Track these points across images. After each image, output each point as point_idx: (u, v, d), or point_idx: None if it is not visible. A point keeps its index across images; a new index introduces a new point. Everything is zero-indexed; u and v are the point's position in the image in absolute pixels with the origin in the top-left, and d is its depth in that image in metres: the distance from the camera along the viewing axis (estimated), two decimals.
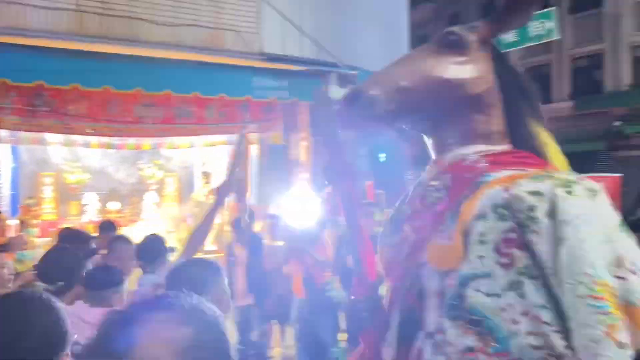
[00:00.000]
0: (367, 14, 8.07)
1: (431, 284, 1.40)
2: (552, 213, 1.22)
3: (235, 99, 6.53)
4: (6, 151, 7.21)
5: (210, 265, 2.03)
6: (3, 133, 6.28)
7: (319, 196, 6.18)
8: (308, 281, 5.26)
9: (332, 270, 5.52)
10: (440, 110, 1.53)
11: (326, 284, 5.24)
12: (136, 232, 5.96)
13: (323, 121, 2.14)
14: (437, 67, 1.50)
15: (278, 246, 5.88)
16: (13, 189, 7.53)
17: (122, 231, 5.48)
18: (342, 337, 5.05)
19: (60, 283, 2.31)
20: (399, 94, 1.46)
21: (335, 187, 1.84)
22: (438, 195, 1.50)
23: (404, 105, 1.48)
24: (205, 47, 6.26)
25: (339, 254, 5.77)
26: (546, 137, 1.58)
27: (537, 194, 1.25)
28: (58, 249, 2.80)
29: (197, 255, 2.71)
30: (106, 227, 4.78)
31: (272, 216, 6.01)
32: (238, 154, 3.30)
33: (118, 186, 8.77)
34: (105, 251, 3.45)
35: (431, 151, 1.62)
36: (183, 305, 0.76)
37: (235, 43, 6.43)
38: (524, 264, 1.24)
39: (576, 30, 16.36)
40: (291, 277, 5.32)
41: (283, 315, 5.79)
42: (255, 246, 5.67)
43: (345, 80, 7.55)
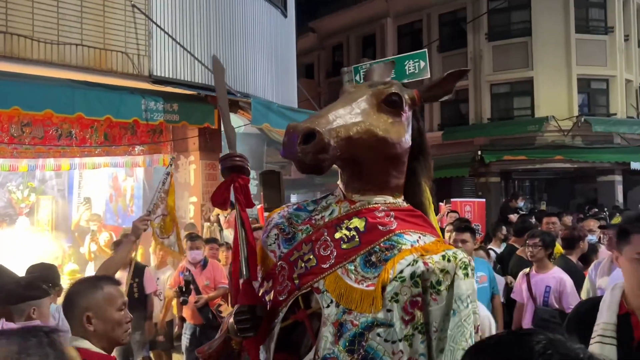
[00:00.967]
0: (257, 42, 8.35)
1: (330, 313, 1.54)
2: (450, 288, 1.51)
3: (121, 121, 6.38)
4: None
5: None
6: None
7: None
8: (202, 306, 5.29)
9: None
10: (369, 160, 1.68)
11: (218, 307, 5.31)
12: (8, 260, 5.55)
13: (219, 90, 2.20)
14: (380, 125, 1.65)
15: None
16: None
17: None
18: None
19: None
20: (346, 142, 1.59)
21: (227, 178, 1.85)
22: (348, 234, 1.64)
23: (347, 152, 1.60)
24: (91, 68, 6.10)
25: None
26: (429, 196, 1.86)
27: (445, 272, 1.52)
28: None
29: None
30: None
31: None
32: (163, 191, 3.36)
33: None
34: None
35: (342, 186, 1.77)
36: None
37: (124, 64, 6.33)
38: (420, 322, 1.50)
39: (444, 67, 17.99)
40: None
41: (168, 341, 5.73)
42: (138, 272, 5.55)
43: (234, 105, 7.72)
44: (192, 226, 7.00)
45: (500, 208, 11.22)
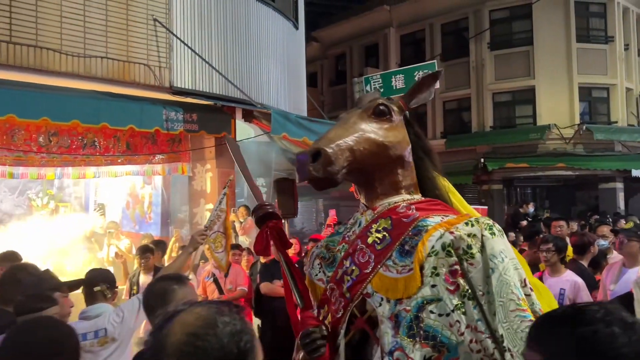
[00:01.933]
0: (271, 53, 8.59)
1: (384, 310, 1.67)
2: (482, 249, 1.61)
3: (143, 131, 6.60)
4: None
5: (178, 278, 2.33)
6: None
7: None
8: None
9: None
10: (375, 165, 1.87)
11: None
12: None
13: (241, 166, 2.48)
14: (377, 132, 1.86)
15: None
16: None
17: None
18: None
19: None
20: (350, 154, 1.78)
21: (263, 227, 2.07)
22: (379, 235, 1.79)
23: (353, 162, 1.79)
24: (115, 80, 6.32)
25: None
26: (447, 185, 2.01)
27: (472, 235, 1.63)
28: None
29: None
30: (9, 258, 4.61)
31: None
32: (219, 209, 3.58)
33: (4, 217, 8.26)
34: None
35: (362, 199, 1.96)
36: None
37: (145, 76, 6.55)
38: (465, 289, 1.60)
39: (447, 76, 18.28)
40: None
41: None
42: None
43: (249, 115, 7.95)
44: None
45: (511, 214, 11.44)
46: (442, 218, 1.75)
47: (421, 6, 19.42)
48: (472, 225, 1.66)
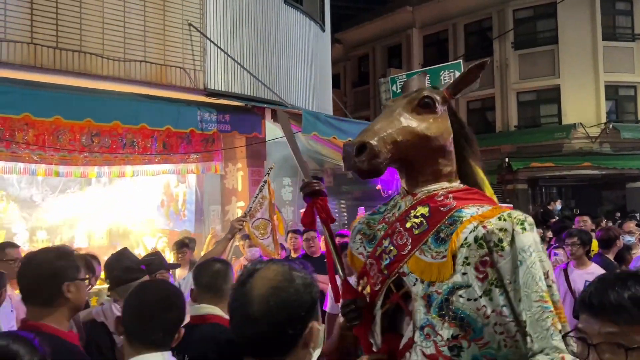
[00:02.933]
0: (299, 55, 8.84)
1: (418, 290, 1.81)
2: (512, 243, 1.71)
3: (179, 131, 6.89)
4: None
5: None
6: None
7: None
8: None
9: None
10: (418, 155, 1.96)
11: None
12: None
13: (290, 141, 2.64)
14: (420, 125, 1.96)
15: None
16: None
17: None
18: None
19: None
20: (394, 146, 1.88)
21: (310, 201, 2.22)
22: (417, 221, 1.91)
23: (396, 153, 1.89)
24: (153, 82, 6.61)
25: None
26: (482, 175, 2.10)
27: (504, 230, 1.73)
28: None
29: None
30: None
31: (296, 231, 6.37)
32: (261, 197, 3.78)
33: (45, 216, 8.63)
34: None
35: (403, 183, 2.08)
36: None
37: (181, 79, 6.84)
38: (493, 277, 1.71)
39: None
40: None
41: None
42: None
43: (277, 115, 8.19)
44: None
45: (541, 212, 11.52)
46: (478, 209, 1.85)
47: (444, 6, 19.49)
48: (505, 220, 1.76)
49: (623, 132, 16.05)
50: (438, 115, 2.02)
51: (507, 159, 16.99)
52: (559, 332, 1.63)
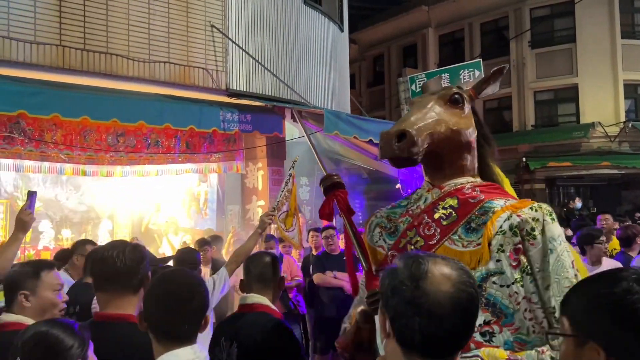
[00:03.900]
0: (318, 55, 8.91)
1: None
2: (543, 232, 1.81)
3: (202, 131, 6.99)
4: None
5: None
6: None
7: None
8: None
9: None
10: (448, 149, 2.04)
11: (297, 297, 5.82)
12: None
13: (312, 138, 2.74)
14: (452, 119, 2.04)
15: None
16: None
17: None
18: None
19: None
20: (429, 137, 1.96)
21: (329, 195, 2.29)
22: (445, 212, 1.98)
23: (430, 146, 1.97)
24: (176, 83, 6.72)
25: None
26: (501, 173, 2.20)
27: (536, 220, 1.83)
28: None
29: None
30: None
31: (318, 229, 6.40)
32: (286, 190, 3.85)
33: (69, 214, 8.81)
34: None
35: (428, 177, 2.14)
36: None
37: (204, 79, 6.95)
38: (525, 265, 1.80)
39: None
40: None
41: None
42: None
43: (297, 115, 8.26)
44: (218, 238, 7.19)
45: (564, 211, 11.50)
46: (505, 202, 1.92)
47: (460, 6, 19.43)
48: (536, 210, 1.85)
49: None
50: (465, 112, 2.11)
51: (525, 159, 16.90)
52: None
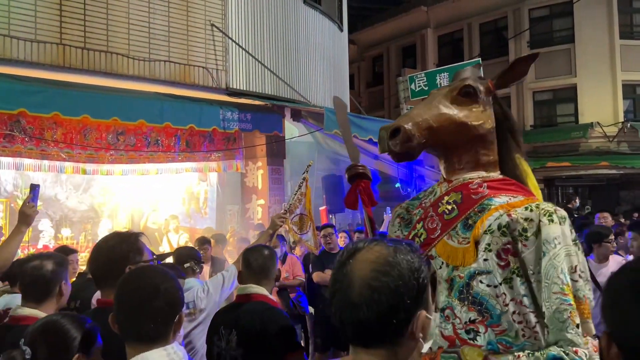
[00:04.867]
0: (318, 54, 8.93)
1: (442, 273, 1.85)
2: (537, 234, 1.73)
3: (202, 130, 7.01)
4: None
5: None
6: None
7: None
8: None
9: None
10: (455, 143, 2.01)
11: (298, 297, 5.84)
12: None
13: (342, 127, 2.75)
14: (459, 113, 2.00)
15: None
16: None
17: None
18: None
19: None
20: (429, 131, 1.94)
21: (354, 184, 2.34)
22: (449, 207, 1.96)
23: (431, 139, 1.95)
24: (176, 82, 6.74)
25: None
26: (526, 167, 2.08)
27: (529, 220, 1.76)
28: None
29: None
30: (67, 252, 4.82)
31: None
32: (300, 193, 3.86)
33: (69, 213, 8.80)
34: None
35: (442, 170, 2.11)
36: None
37: (204, 78, 6.96)
38: (515, 266, 1.75)
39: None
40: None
41: None
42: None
43: (297, 114, 8.28)
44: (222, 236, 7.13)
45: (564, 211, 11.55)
46: (510, 199, 1.87)
47: (459, 6, 19.46)
48: (532, 210, 1.78)
49: None
50: (479, 104, 2.03)
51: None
52: (576, 327, 1.64)
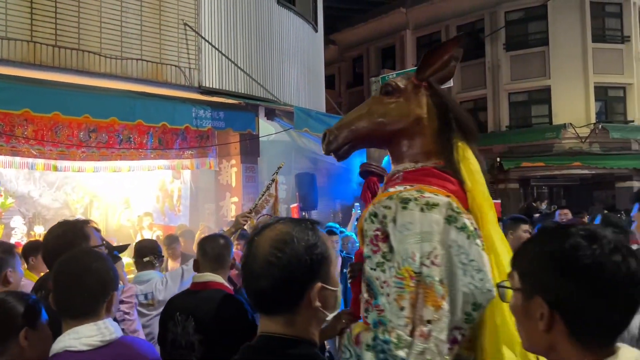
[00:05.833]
0: (292, 55, 9.05)
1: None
2: (395, 220, 1.85)
3: (175, 127, 7.08)
4: None
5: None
6: None
7: None
8: None
9: None
10: (381, 140, 2.19)
11: None
12: None
13: None
14: (380, 110, 2.13)
15: None
16: None
17: None
18: None
19: None
20: (351, 133, 2.10)
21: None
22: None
23: (354, 139, 2.12)
24: (149, 80, 6.80)
25: None
26: (467, 154, 2.03)
27: (388, 208, 1.88)
28: None
29: None
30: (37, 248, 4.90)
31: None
32: (268, 194, 3.94)
33: (42, 210, 8.80)
34: None
35: None
36: None
37: (176, 77, 7.04)
38: (384, 251, 1.86)
39: (462, 77, 18.57)
40: None
41: None
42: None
43: (271, 113, 8.39)
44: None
45: (525, 208, 11.78)
46: (404, 189, 1.93)
47: (437, 8, 19.73)
48: (392, 199, 1.89)
49: (612, 132, 16.31)
50: (402, 100, 2.13)
51: (499, 159, 17.23)
52: (400, 309, 1.74)
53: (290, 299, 1.21)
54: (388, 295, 1.82)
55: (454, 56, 2.17)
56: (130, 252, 6.51)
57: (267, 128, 8.44)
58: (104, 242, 2.36)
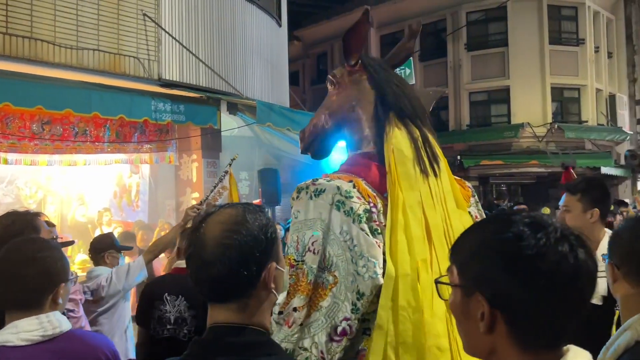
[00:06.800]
0: (255, 49, 8.94)
1: None
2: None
3: (133, 121, 6.89)
4: None
5: None
6: None
7: None
8: None
9: None
10: (333, 133, 2.22)
11: None
12: None
13: None
14: (326, 104, 2.22)
15: None
16: None
17: None
18: None
19: None
20: (314, 128, 2.24)
21: None
22: None
23: (317, 137, 2.25)
24: (106, 71, 6.60)
25: None
26: (390, 136, 1.94)
27: (292, 199, 1.97)
28: None
29: None
30: None
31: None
32: (221, 187, 3.85)
33: None
34: None
35: None
36: None
37: (135, 68, 6.85)
38: None
39: (425, 76, 18.82)
40: None
41: None
42: None
43: (233, 107, 8.28)
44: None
45: (487, 205, 12.00)
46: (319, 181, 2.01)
47: (400, 7, 19.92)
48: (296, 189, 1.96)
49: (567, 132, 16.85)
50: (340, 89, 2.18)
51: (459, 157, 17.55)
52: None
53: (247, 282, 1.16)
54: None
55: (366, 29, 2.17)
56: (86, 248, 6.31)
57: (230, 123, 8.32)
58: (55, 238, 2.27)
